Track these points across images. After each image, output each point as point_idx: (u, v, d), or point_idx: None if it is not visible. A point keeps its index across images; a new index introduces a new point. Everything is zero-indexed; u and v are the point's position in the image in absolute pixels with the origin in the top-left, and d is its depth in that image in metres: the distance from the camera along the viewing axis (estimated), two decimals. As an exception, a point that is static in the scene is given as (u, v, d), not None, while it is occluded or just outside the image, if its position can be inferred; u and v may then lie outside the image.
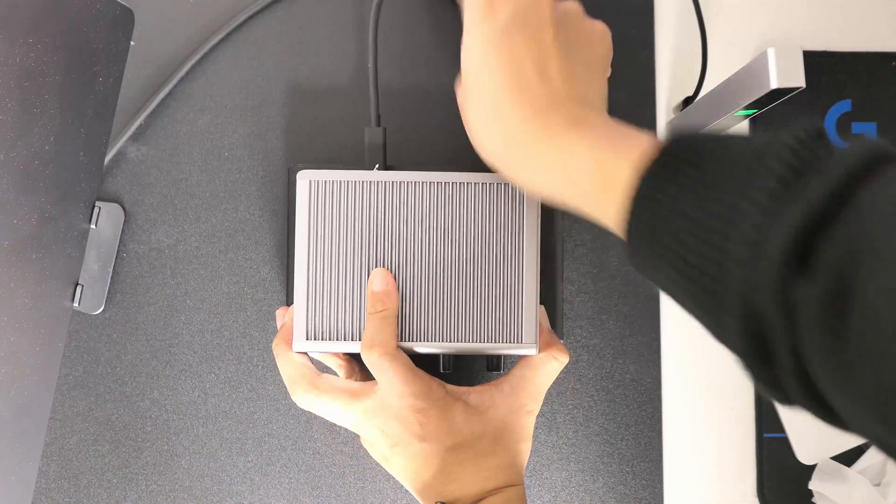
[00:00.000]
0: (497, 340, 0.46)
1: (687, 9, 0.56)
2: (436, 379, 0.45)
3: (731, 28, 0.57)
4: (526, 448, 0.46)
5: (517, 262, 0.46)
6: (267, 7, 0.55)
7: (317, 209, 0.46)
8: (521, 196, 0.46)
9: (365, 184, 0.46)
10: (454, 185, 0.47)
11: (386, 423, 0.44)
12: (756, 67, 0.42)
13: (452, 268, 0.46)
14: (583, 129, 0.37)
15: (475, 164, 0.43)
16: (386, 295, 0.45)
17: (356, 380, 0.48)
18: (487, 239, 0.46)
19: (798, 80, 0.41)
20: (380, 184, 0.46)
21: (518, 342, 0.46)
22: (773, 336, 0.29)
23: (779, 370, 0.29)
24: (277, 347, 0.46)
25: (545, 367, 0.46)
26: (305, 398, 0.45)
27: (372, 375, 0.44)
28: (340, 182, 0.46)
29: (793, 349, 0.28)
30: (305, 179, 0.46)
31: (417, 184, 0.46)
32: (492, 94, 0.39)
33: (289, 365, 0.46)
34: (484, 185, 0.46)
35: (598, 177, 0.36)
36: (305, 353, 0.46)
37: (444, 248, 0.46)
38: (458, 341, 0.46)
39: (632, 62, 0.56)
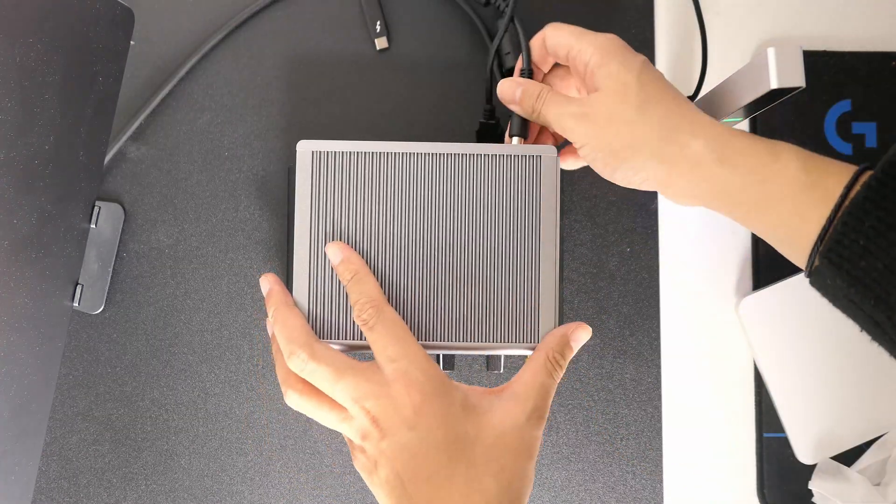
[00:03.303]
0: (510, 340, 0.44)
1: (687, 9, 0.56)
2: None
3: (731, 28, 0.57)
4: (527, 471, 0.40)
5: (534, 244, 0.44)
6: (267, 7, 0.55)
7: (319, 182, 0.44)
8: (540, 170, 0.44)
9: (371, 155, 0.44)
10: (467, 156, 0.44)
11: (376, 403, 0.40)
12: (756, 67, 0.42)
13: (467, 247, 0.44)
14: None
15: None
16: (347, 261, 0.43)
17: None
18: (504, 217, 0.44)
19: (798, 80, 0.41)
20: (387, 155, 0.44)
21: (534, 342, 0.44)
22: None
23: None
24: (276, 312, 0.43)
25: (543, 370, 0.42)
26: (298, 361, 0.41)
27: None
28: (344, 153, 0.44)
29: None
30: (307, 150, 0.44)
31: (427, 155, 0.44)
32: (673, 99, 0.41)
33: (287, 327, 0.42)
34: (503, 157, 0.44)
35: (807, 173, 0.37)
36: (305, 320, 0.43)
37: (458, 222, 0.44)
38: (467, 341, 0.44)
39: (632, 62, 0.56)
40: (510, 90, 0.46)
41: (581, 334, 0.44)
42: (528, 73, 0.48)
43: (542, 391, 0.41)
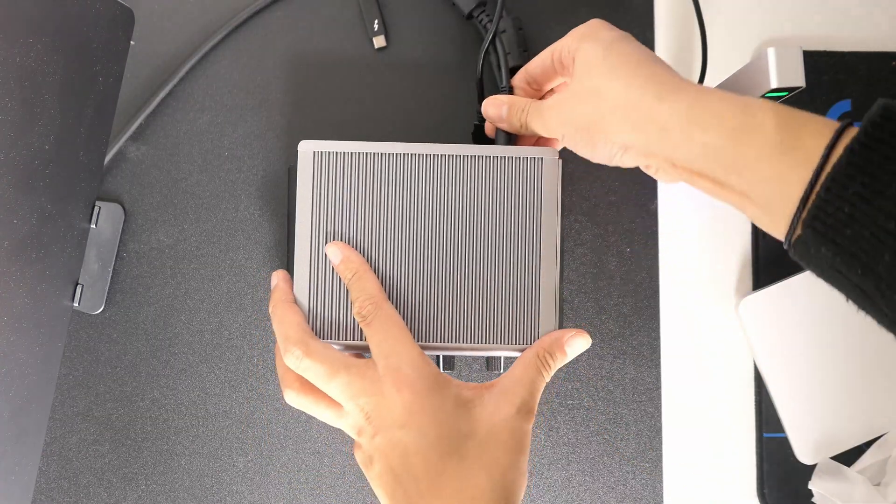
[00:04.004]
0: (511, 342, 0.44)
1: (687, 9, 0.56)
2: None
3: (731, 28, 0.57)
4: (519, 464, 0.40)
5: (534, 248, 0.44)
6: (267, 7, 0.55)
7: (320, 183, 0.44)
8: (541, 172, 0.44)
9: (372, 156, 0.44)
10: (468, 158, 0.44)
11: (369, 400, 0.40)
12: (756, 67, 0.42)
13: (468, 249, 0.44)
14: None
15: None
16: (347, 260, 0.44)
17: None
18: (505, 220, 0.44)
19: (798, 79, 0.41)
20: (388, 156, 0.44)
21: (531, 344, 0.44)
22: None
23: None
24: (275, 308, 0.44)
25: (533, 367, 0.43)
26: (293, 359, 0.42)
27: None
28: (346, 154, 0.44)
29: None
30: (308, 150, 0.44)
31: (426, 156, 0.44)
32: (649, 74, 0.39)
33: (284, 324, 0.43)
34: (504, 159, 0.44)
35: (783, 132, 0.35)
36: (303, 318, 0.44)
37: (459, 223, 0.44)
38: (467, 342, 0.44)
39: (632, 62, 0.56)
40: (496, 109, 0.46)
41: (578, 341, 0.44)
42: (509, 90, 0.48)
43: (531, 387, 0.42)
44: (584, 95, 0.41)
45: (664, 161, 0.39)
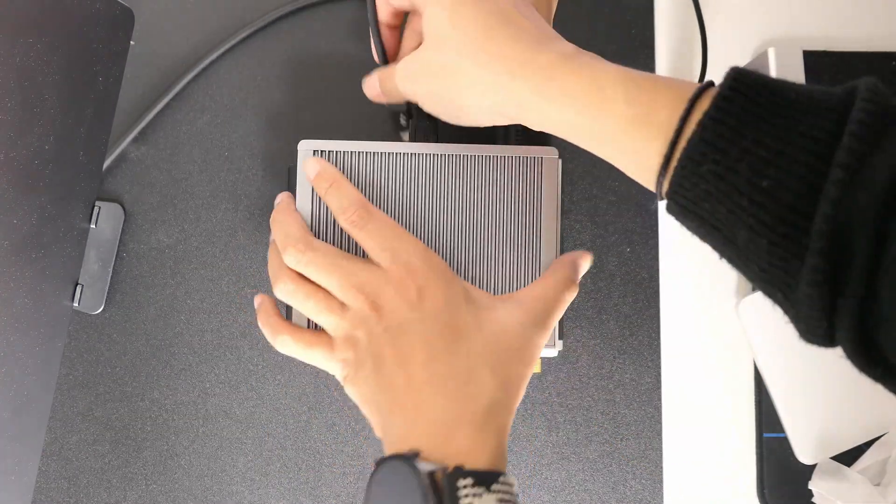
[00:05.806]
0: None
1: (687, 9, 0.56)
2: None
3: (731, 28, 0.57)
4: (524, 377, 0.39)
5: (535, 247, 0.44)
6: (274, 21, 0.55)
7: None
8: (541, 172, 0.44)
9: (372, 155, 0.44)
10: (468, 157, 0.44)
11: (376, 288, 0.39)
12: (756, 67, 0.42)
13: (467, 248, 0.44)
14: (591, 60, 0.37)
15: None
16: (323, 172, 0.43)
17: None
18: (505, 220, 0.44)
19: (798, 79, 0.41)
20: (388, 155, 0.44)
21: None
22: (854, 261, 0.28)
23: (843, 298, 0.29)
24: (277, 213, 0.43)
25: (555, 286, 0.41)
26: (294, 253, 0.40)
27: None
28: (345, 153, 0.44)
29: (868, 278, 0.28)
30: (308, 150, 0.44)
31: (426, 156, 0.44)
32: (484, 31, 0.37)
33: (286, 224, 0.42)
34: (504, 159, 0.44)
35: (634, 107, 0.35)
36: (302, 221, 0.43)
37: (455, 224, 0.44)
38: None
39: (632, 62, 0.56)
40: (372, 90, 0.46)
41: (586, 261, 0.44)
42: (383, 57, 0.46)
43: (552, 303, 0.41)
44: (437, 70, 0.39)
45: (526, 122, 0.39)
